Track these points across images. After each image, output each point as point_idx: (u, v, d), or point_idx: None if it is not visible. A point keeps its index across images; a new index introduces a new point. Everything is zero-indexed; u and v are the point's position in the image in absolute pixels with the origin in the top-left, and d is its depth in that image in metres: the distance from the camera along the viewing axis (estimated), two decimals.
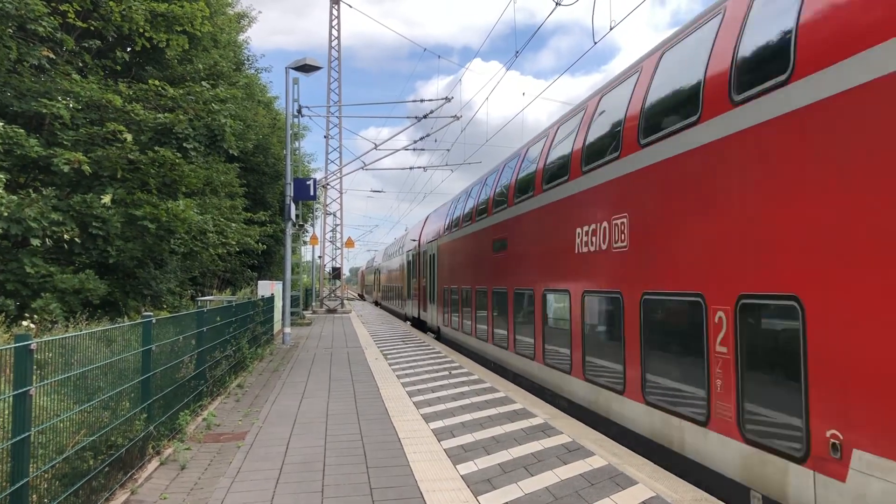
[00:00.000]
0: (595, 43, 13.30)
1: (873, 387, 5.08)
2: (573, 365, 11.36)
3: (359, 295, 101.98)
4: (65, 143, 16.53)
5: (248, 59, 36.71)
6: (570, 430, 9.52)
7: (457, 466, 7.84)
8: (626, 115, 9.59)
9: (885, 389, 4.95)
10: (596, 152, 10.65)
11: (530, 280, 13.89)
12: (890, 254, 4.98)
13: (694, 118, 7.70)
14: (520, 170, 15.37)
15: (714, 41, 7.58)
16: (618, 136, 9.75)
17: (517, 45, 21.25)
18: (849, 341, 5.32)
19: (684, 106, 8.00)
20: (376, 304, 60.84)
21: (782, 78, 6.21)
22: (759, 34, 6.81)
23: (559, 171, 12.39)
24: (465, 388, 13.17)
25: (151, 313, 9.18)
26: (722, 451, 6.94)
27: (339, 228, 47.40)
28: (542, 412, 10.80)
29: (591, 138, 11.03)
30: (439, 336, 25.78)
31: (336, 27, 43.73)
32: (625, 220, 9.49)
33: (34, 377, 5.31)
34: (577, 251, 11.31)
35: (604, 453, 8.20)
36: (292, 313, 29.16)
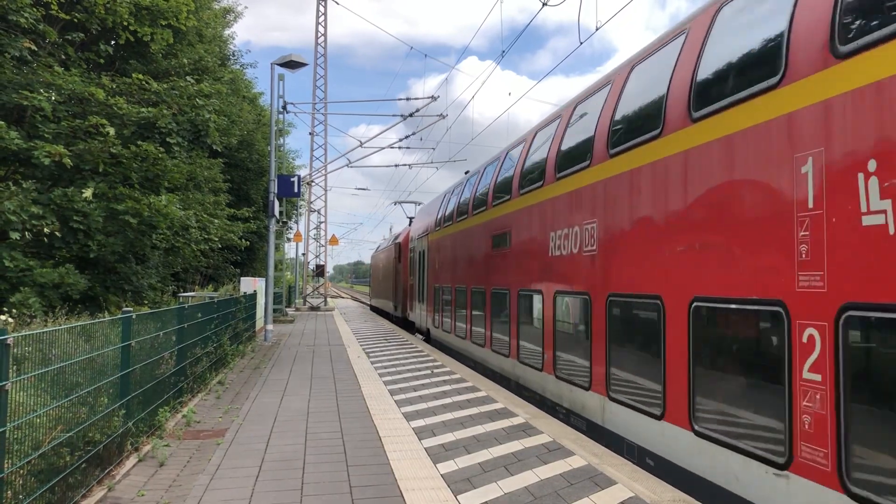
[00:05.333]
0: (581, 43, 13.39)
1: None
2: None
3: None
4: (46, 135, 16.33)
5: (234, 55, 36.54)
6: (551, 429, 9.56)
7: (437, 465, 7.84)
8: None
9: None
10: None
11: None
12: None
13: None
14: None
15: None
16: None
17: (508, 46, 21.14)
18: None
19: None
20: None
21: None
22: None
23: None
24: (447, 387, 13.18)
25: (131, 309, 9.12)
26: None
27: (323, 226, 47.25)
28: (523, 412, 10.82)
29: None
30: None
31: (322, 24, 43.66)
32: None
33: (10, 372, 5.26)
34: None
35: (584, 453, 8.24)
36: (275, 310, 29.06)
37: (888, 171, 4.83)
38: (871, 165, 4.97)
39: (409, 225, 35.66)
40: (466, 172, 21.81)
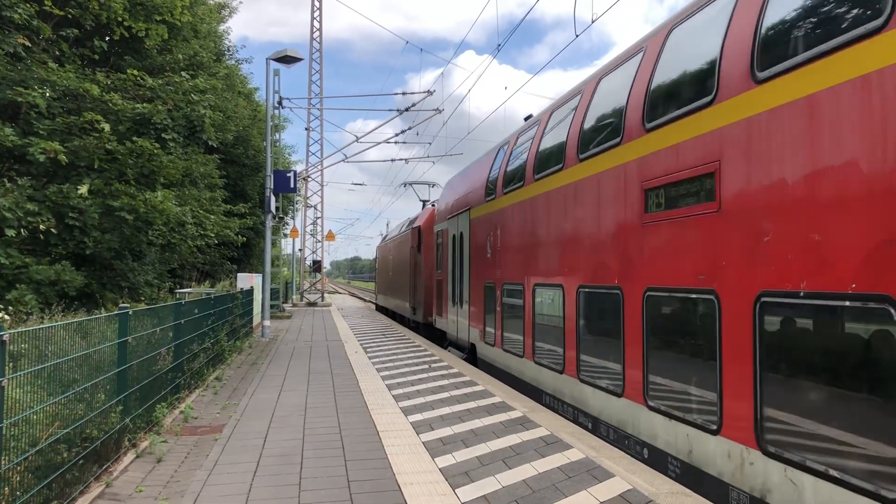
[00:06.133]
0: (577, 36, 13.36)
1: None
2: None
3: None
4: (41, 132, 16.27)
5: (229, 50, 36.43)
6: (549, 423, 9.57)
7: (435, 459, 7.85)
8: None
9: None
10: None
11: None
12: None
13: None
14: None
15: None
16: None
17: (504, 40, 21.11)
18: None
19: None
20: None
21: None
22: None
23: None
24: (445, 382, 13.19)
25: (128, 305, 9.10)
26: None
27: (319, 221, 47.22)
28: (521, 405, 10.83)
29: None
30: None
31: (318, 19, 43.60)
32: None
33: (7, 368, 5.25)
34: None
35: (581, 446, 8.25)
36: (272, 306, 29.04)
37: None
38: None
39: (423, 209, 31.06)
40: (528, 118, 14.77)
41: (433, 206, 26.90)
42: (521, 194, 13.17)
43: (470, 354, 17.31)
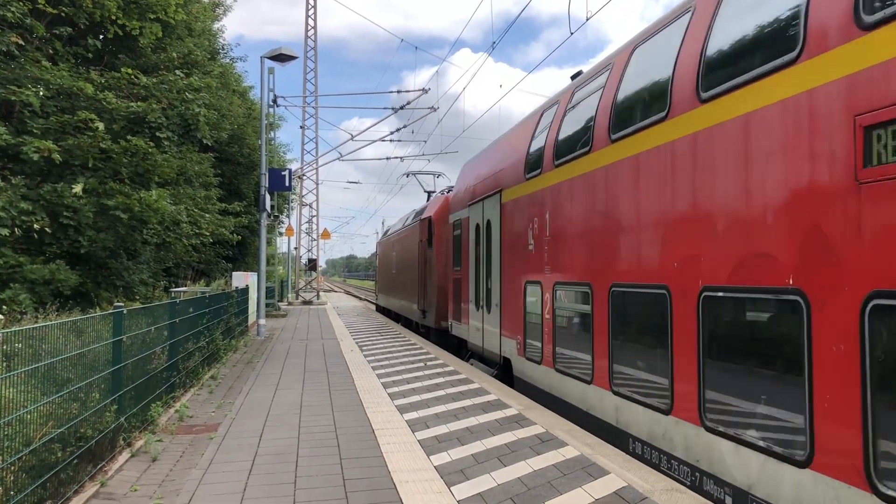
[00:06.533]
0: (571, 33, 13.37)
1: None
2: None
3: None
4: (34, 131, 16.22)
5: (223, 48, 36.38)
6: (544, 420, 9.58)
7: (430, 457, 7.85)
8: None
9: None
10: None
11: None
12: None
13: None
14: None
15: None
16: None
17: (499, 37, 21.08)
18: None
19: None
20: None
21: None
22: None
23: None
24: (441, 380, 13.19)
25: (123, 304, 9.09)
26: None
27: (315, 220, 47.20)
28: (516, 403, 10.84)
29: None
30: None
31: (312, 17, 43.58)
32: None
33: (0, 368, 5.24)
34: None
35: (576, 444, 8.26)
36: (267, 305, 29.04)
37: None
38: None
39: (430, 199, 28.19)
40: (575, 77, 11.93)
41: (445, 193, 24.07)
42: (588, 163, 9.77)
43: (501, 371, 14.00)
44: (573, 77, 11.98)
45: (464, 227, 17.75)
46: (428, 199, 29.09)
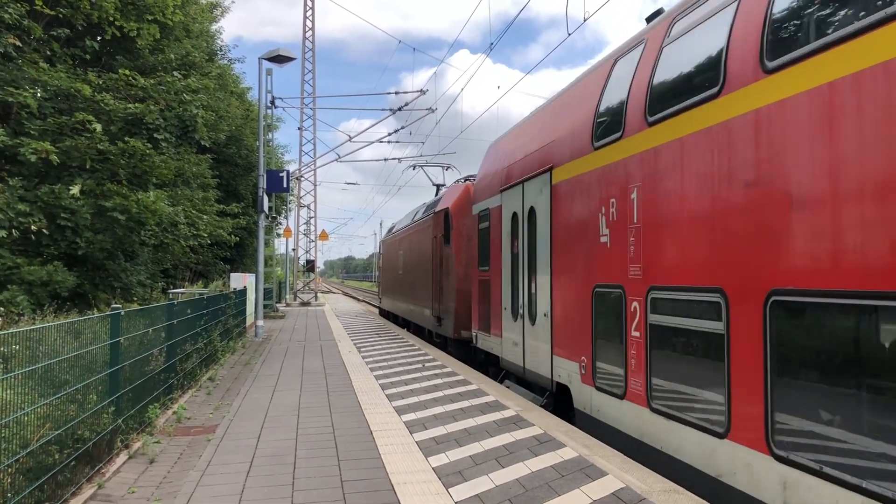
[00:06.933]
0: (569, 34, 13.36)
1: None
2: None
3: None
4: (32, 132, 16.20)
5: (221, 50, 36.38)
6: (542, 422, 9.57)
7: (428, 459, 7.85)
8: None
9: None
10: None
11: None
12: None
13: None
14: None
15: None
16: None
17: (496, 39, 21.07)
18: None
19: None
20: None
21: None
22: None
23: None
24: (439, 381, 13.19)
25: (120, 306, 9.08)
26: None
27: (313, 221, 47.19)
28: (514, 404, 10.83)
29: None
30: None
31: (310, 18, 43.60)
32: None
33: None
34: None
35: (575, 445, 8.25)
36: (265, 306, 28.98)
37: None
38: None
39: (437, 194, 25.85)
40: (651, 17, 9.16)
41: (465, 181, 20.71)
42: (718, 111, 6.56)
43: (552, 400, 11.06)
44: (649, 19, 9.24)
45: (493, 217, 14.68)
46: (437, 193, 26.72)
